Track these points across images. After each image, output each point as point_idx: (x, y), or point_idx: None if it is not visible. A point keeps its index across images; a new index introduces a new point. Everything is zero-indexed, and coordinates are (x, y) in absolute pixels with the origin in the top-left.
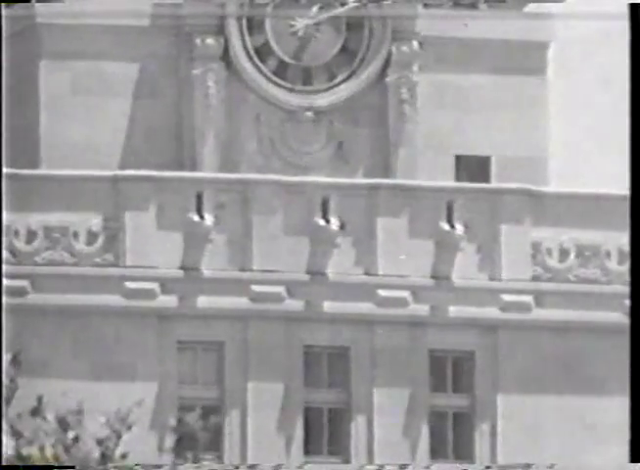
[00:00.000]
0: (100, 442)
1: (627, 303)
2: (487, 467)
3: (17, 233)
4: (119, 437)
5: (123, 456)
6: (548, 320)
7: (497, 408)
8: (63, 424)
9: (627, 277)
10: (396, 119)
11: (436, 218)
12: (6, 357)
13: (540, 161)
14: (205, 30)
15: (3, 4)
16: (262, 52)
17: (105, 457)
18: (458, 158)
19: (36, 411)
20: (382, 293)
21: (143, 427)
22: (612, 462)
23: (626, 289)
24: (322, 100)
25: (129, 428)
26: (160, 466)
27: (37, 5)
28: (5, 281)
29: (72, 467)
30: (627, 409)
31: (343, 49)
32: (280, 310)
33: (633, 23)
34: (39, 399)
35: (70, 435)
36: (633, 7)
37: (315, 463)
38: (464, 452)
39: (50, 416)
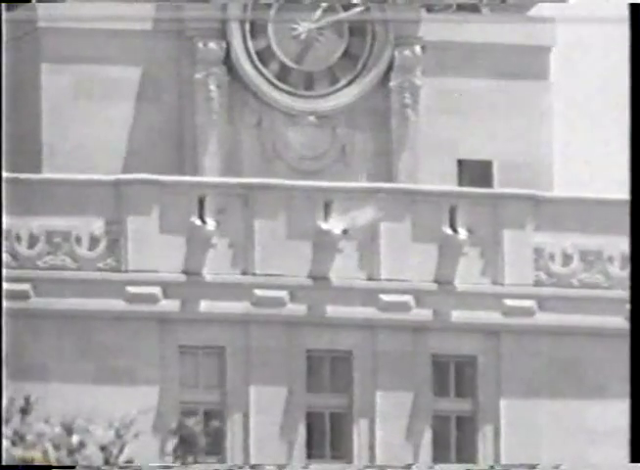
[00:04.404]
0: (103, 448)
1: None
2: (491, 466)
3: (18, 238)
4: (124, 444)
5: (128, 462)
6: (550, 325)
7: (500, 412)
8: (67, 429)
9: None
10: (399, 124)
11: (439, 223)
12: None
13: (543, 165)
14: (207, 34)
15: (4, 5)
16: (264, 56)
17: (108, 464)
18: (461, 162)
19: (25, 410)
20: (384, 297)
21: (144, 431)
22: (612, 466)
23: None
24: (324, 104)
25: (136, 436)
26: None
27: (39, 9)
28: (7, 285)
29: (73, 467)
30: (628, 413)
31: (346, 53)
32: (282, 315)
33: (633, 24)
34: (26, 399)
35: (75, 439)
36: (633, 7)
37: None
38: (467, 456)
39: (53, 421)
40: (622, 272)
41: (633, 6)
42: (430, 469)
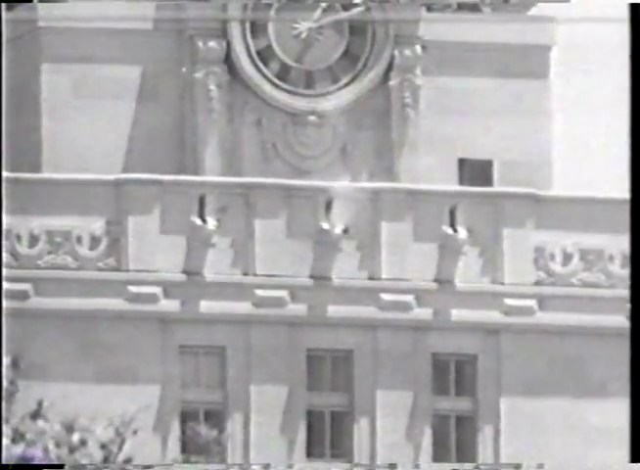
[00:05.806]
0: (103, 446)
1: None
2: (476, 467)
3: (19, 237)
4: (123, 441)
5: (127, 461)
6: (551, 324)
7: (500, 411)
8: (68, 427)
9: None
10: (399, 123)
11: (439, 222)
12: (6, 361)
13: (543, 164)
14: (207, 33)
15: (4, 5)
16: (265, 55)
17: (107, 462)
18: (461, 161)
19: (37, 415)
20: (385, 297)
21: (146, 430)
22: (613, 465)
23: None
24: (325, 104)
25: (135, 433)
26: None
27: (39, 9)
28: (7, 285)
29: (61, 466)
30: (628, 413)
31: (346, 52)
32: (283, 315)
33: (633, 24)
34: (39, 403)
35: (75, 438)
36: (633, 7)
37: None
38: (467, 456)
39: (54, 419)
40: (623, 271)
41: (633, 6)
42: (415, 469)
